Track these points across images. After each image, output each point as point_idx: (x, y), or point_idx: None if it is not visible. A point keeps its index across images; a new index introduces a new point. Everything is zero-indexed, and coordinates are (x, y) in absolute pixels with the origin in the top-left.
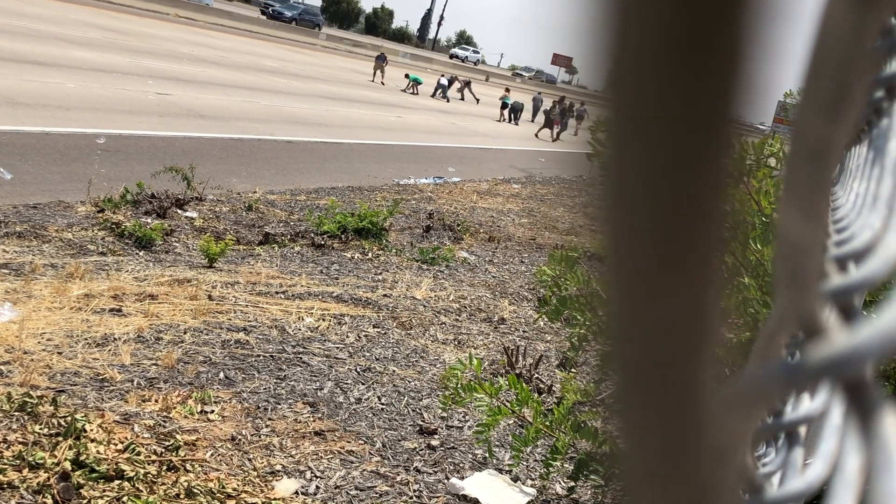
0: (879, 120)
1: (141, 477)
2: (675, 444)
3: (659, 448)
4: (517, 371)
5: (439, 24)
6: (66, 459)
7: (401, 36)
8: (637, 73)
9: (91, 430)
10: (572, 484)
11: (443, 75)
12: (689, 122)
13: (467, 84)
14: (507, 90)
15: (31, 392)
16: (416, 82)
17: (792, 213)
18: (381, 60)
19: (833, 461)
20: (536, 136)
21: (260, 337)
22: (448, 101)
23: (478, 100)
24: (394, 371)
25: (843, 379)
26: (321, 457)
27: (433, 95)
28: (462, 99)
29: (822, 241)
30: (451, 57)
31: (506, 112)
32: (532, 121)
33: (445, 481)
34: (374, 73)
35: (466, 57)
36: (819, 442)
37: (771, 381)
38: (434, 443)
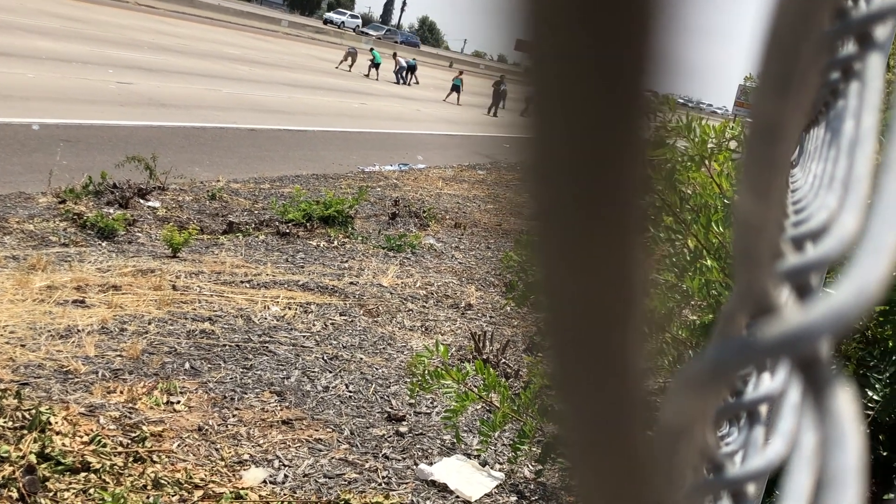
0: (836, 101)
1: (107, 469)
2: (606, 412)
3: (591, 418)
4: (484, 356)
5: (402, 9)
6: (31, 452)
7: (364, 22)
8: (548, 41)
9: (56, 422)
10: (540, 467)
11: (395, 56)
12: (601, 90)
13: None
14: (461, 72)
15: None
16: (376, 63)
17: (747, 193)
18: (352, 51)
19: (792, 439)
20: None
21: (225, 326)
22: (408, 84)
23: (417, 82)
24: (361, 359)
25: (796, 356)
26: (289, 445)
27: (398, 82)
28: (413, 82)
29: (776, 220)
30: (326, 23)
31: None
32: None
33: (414, 467)
34: (342, 61)
35: (343, 22)
36: (778, 420)
37: (726, 358)
38: (402, 429)
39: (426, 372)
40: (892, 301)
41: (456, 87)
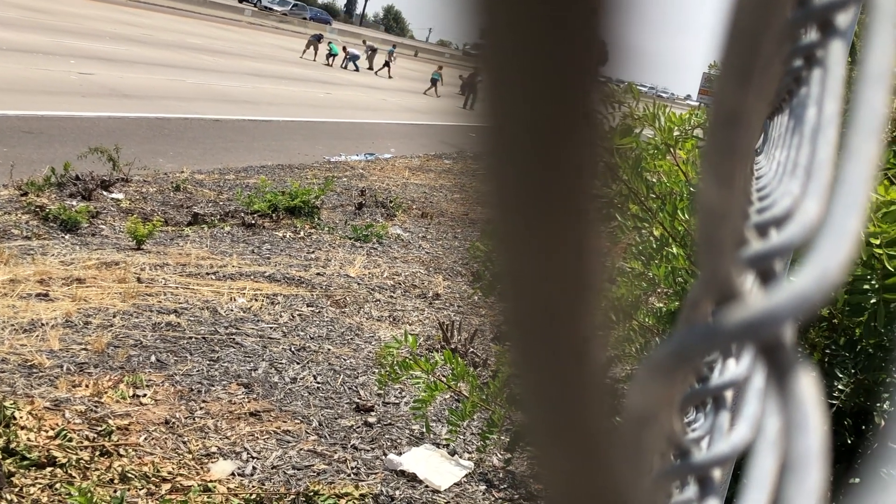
0: (799, 89)
1: (74, 463)
2: (569, 400)
3: (553, 406)
4: (453, 346)
5: None
6: None
7: (328, 11)
8: (502, 26)
9: (21, 417)
10: (509, 456)
11: (345, 48)
12: (555, 76)
13: (374, 51)
14: (441, 66)
15: None
16: (332, 53)
17: (709, 181)
18: (315, 39)
19: (756, 423)
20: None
21: (191, 319)
22: (357, 70)
23: (390, 76)
24: (329, 349)
25: (759, 341)
26: (257, 437)
27: (370, 67)
28: (370, 68)
29: (740, 207)
30: (241, 1)
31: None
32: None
33: (383, 457)
34: (306, 50)
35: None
36: (743, 406)
37: (690, 344)
38: (371, 420)
39: (395, 362)
40: (858, 289)
41: (434, 81)
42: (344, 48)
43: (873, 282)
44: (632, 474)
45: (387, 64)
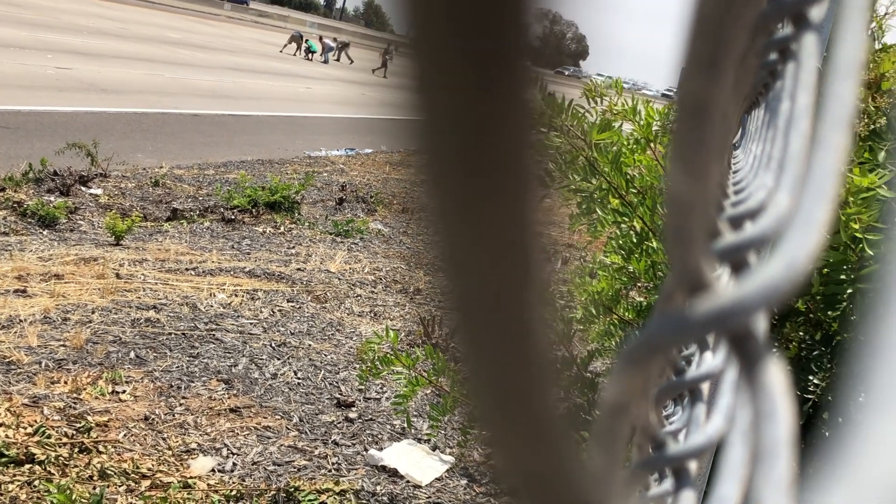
0: (774, 82)
1: (52, 460)
2: (514, 382)
3: (499, 390)
4: (434, 341)
5: None
6: None
7: (307, 5)
8: (431, 13)
9: None
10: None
11: (321, 38)
12: (483, 59)
13: (345, 46)
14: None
15: None
16: (310, 49)
17: (677, 171)
18: (298, 36)
19: (730, 415)
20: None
21: (171, 315)
22: (327, 63)
23: (351, 61)
24: (309, 345)
25: (730, 331)
26: (237, 433)
27: (338, 59)
28: (338, 60)
29: (707, 198)
30: None
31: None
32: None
33: (364, 453)
34: (286, 45)
35: None
36: (718, 397)
37: (661, 334)
38: (352, 415)
39: (376, 358)
40: (834, 279)
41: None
42: (320, 38)
43: (849, 272)
44: (605, 463)
45: (384, 64)
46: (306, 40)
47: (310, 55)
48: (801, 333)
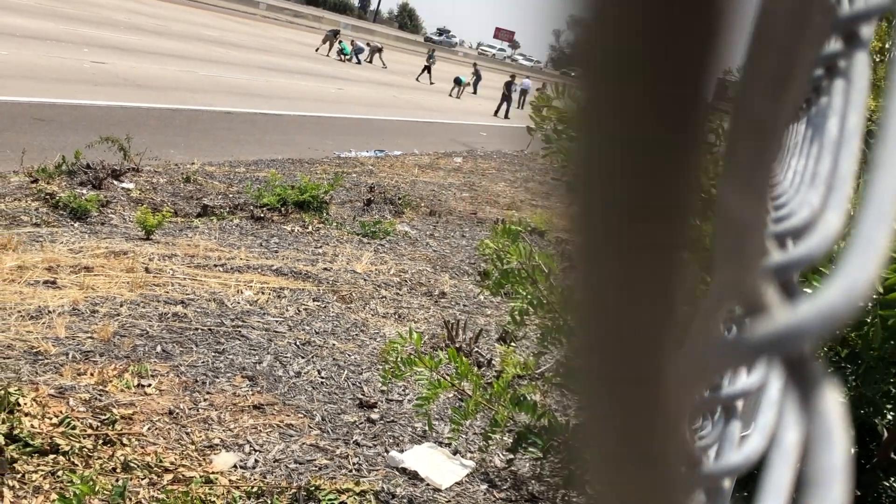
0: (819, 98)
1: (76, 451)
2: (636, 422)
3: (619, 427)
4: (457, 345)
5: None
6: None
7: (342, 7)
8: (613, 49)
9: (25, 403)
10: (511, 456)
11: (353, 41)
12: (663, 102)
13: (378, 50)
14: (475, 65)
15: None
16: (343, 52)
17: (732, 189)
18: (332, 34)
19: (770, 434)
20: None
21: (198, 310)
22: (360, 63)
23: (384, 66)
24: (334, 345)
25: (784, 355)
26: (260, 430)
27: (370, 61)
28: (370, 62)
29: (763, 217)
30: None
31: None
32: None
33: (385, 454)
34: (321, 46)
35: None
36: (756, 416)
37: (712, 357)
38: (374, 416)
39: (399, 359)
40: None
41: (459, 82)
42: (352, 42)
43: (872, 296)
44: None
45: (427, 69)
46: (339, 41)
47: (342, 57)
48: (826, 350)
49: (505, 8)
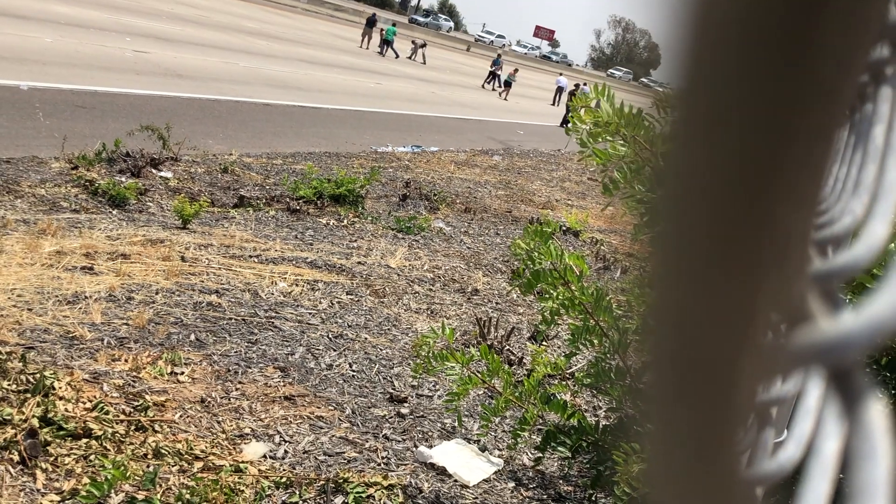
0: (863, 105)
1: (109, 436)
2: (712, 441)
3: (695, 445)
4: (489, 342)
5: None
6: (33, 416)
7: (382, 2)
8: (718, 71)
9: (60, 387)
10: (539, 455)
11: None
12: (775, 126)
13: (422, 46)
14: (516, 70)
15: None
16: (387, 40)
17: (780, 196)
18: (369, 25)
19: (807, 444)
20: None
21: (232, 300)
22: (397, 56)
23: (424, 62)
24: (366, 338)
25: (829, 365)
26: (290, 421)
27: (410, 57)
28: (412, 58)
29: (810, 226)
30: None
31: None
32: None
33: (414, 449)
34: (363, 39)
35: None
36: (792, 424)
37: (758, 364)
38: (404, 411)
39: (430, 354)
40: None
41: (508, 84)
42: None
43: None
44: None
45: (494, 76)
46: (382, 29)
47: (385, 48)
48: (865, 358)
49: (546, 6)
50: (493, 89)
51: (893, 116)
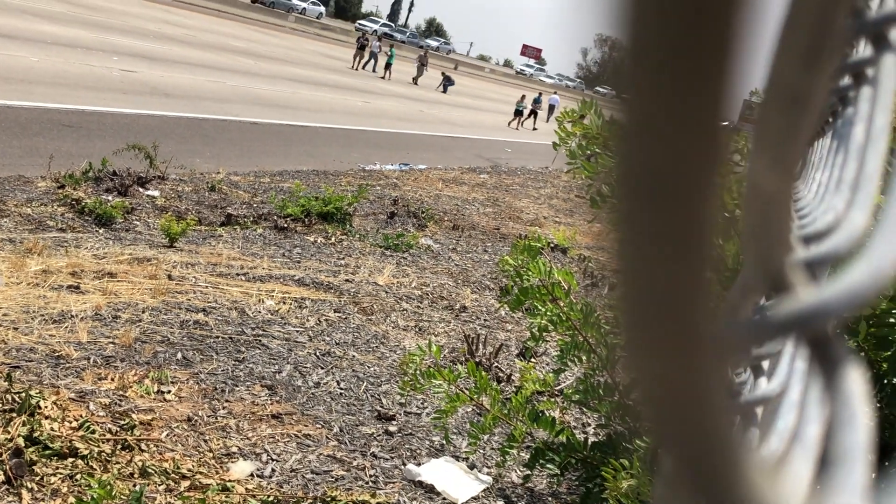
0: (844, 109)
1: (95, 455)
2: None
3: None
4: (477, 359)
5: (409, 9)
6: (19, 435)
7: (370, 21)
8: (647, 74)
9: (45, 406)
10: (528, 472)
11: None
12: (692, 120)
13: (424, 65)
14: (523, 96)
15: None
16: (388, 64)
17: (763, 162)
18: (361, 48)
19: (790, 439)
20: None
21: (219, 318)
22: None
23: (416, 80)
24: (353, 356)
25: (808, 333)
26: (278, 440)
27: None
28: (441, 89)
29: (790, 192)
30: (254, 2)
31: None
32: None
33: (402, 467)
34: (355, 60)
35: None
36: (776, 420)
37: (739, 334)
38: (392, 428)
39: (418, 371)
40: (884, 322)
41: (520, 112)
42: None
43: None
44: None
45: (520, 113)
46: (376, 48)
47: (388, 72)
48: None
49: (533, 25)
50: (535, 128)
51: (874, 110)
